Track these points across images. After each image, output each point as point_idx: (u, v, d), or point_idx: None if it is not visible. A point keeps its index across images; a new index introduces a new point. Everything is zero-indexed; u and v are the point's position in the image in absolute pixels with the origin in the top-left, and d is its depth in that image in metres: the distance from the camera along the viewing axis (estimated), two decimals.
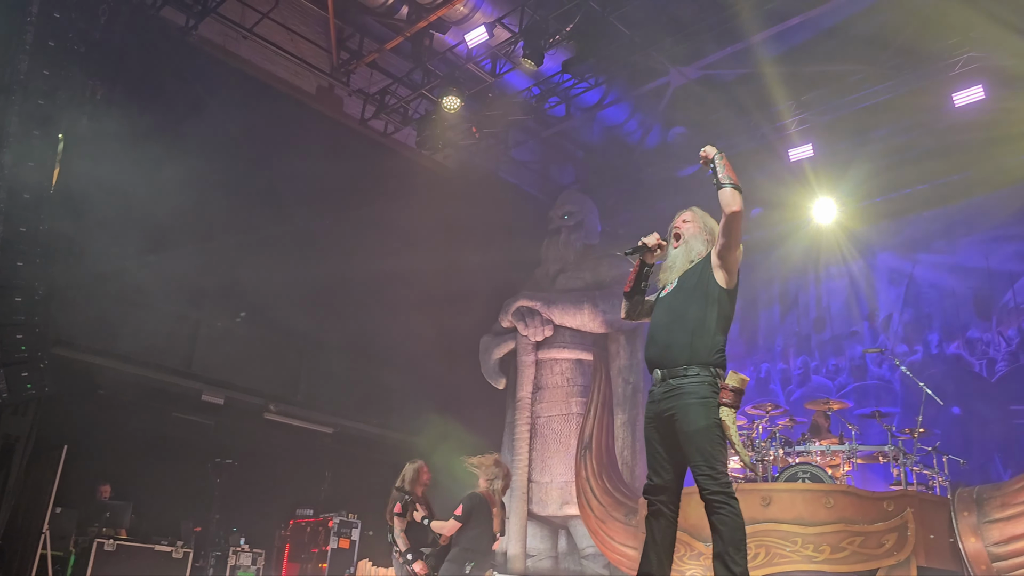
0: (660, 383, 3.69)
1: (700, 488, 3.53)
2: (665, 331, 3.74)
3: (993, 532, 7.14)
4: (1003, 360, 10.34)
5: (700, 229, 3.98)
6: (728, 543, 3.46)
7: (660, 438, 3.71)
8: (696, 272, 3.81)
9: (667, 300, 3.84)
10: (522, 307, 11.24)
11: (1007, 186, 10.52)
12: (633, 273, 4.01)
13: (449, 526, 6.14)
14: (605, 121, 12.58)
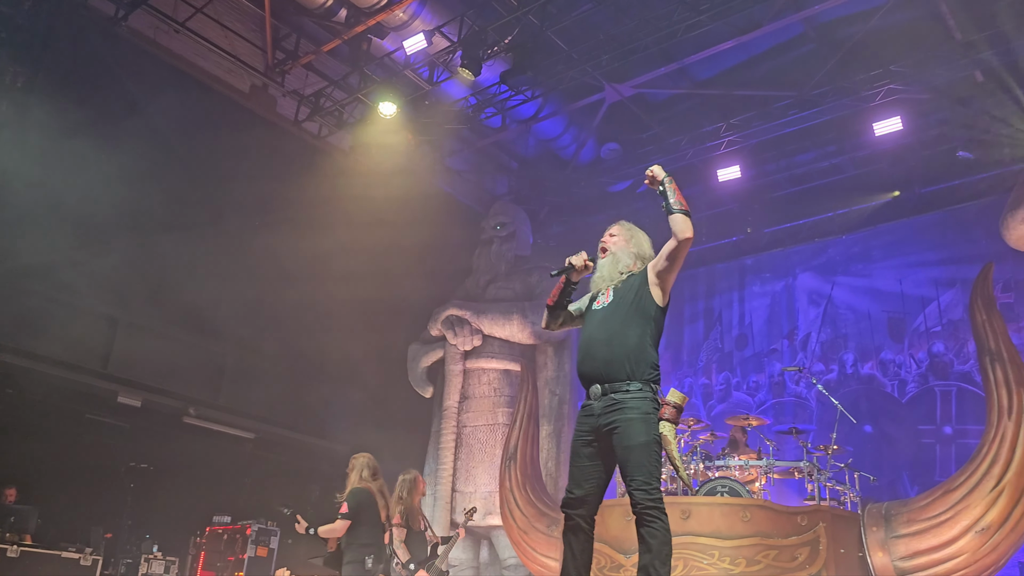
0: (600, 397, 3.67)
1: (634, 502, 3.53)
2: (604, 346, 3.71)
3: (899, 547, 7.41)
4: (913, 382, 10.78)
5: (627, 242, 4.02)
6: (656, 555, 3.51)
7: (592, 452, 3.70)
8: (633, 288, 3.81)
9: (602, 315, 3.81)
10: (452, 316, 11.22)
11: (922, 214, 11.00)
12: (557, 289, 4.01)
13: (340, 526, 6.08)
14: (540, 134, 12.70)
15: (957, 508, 7.29)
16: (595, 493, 3.73)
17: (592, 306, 3.91)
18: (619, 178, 12.61)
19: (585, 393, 3.82)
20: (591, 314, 3.89)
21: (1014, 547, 7.29)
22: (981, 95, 10.14)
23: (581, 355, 3.82)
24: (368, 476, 6.40)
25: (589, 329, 3.83)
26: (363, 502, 6.19)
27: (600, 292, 3.92)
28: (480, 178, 13.52)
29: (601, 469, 3.72)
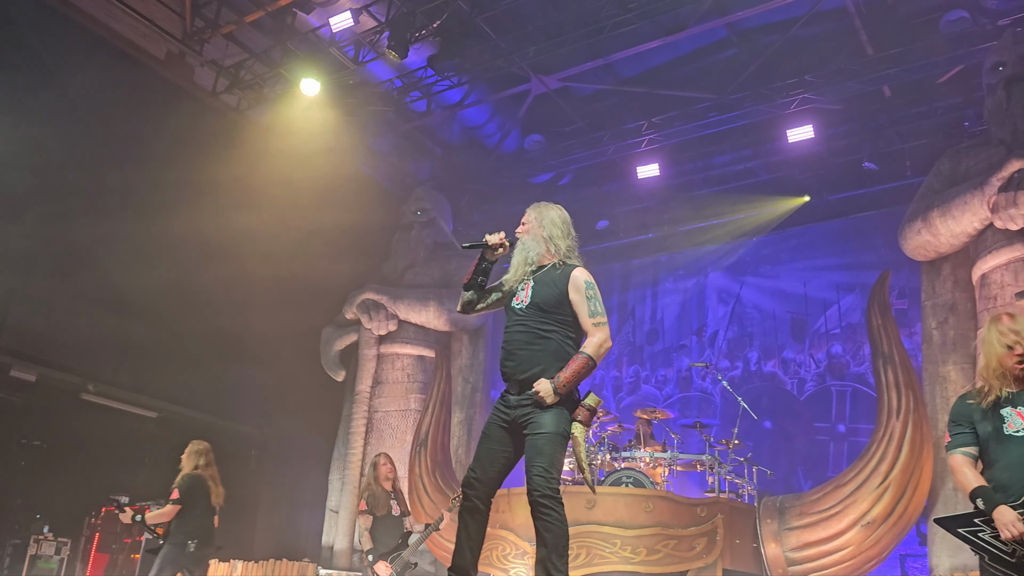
0: (518, 393, 3.74)
1: (532, 488, 3.57)
2: (526, 348, 3.76)
3: (791, 539, 7.74)
4: (812, 381, 11.24)
5: (538, 226, 3.98)
6: (552, 549, 3.55)
7: (504, 437, 3.76)
8: (553, 291, 3.83)
9: (524, 317, 3.82)
10: (367, 300, 11.11)
11: (827, 221, 11.45)
12: (473, 267, 4.02)
13: (168, 510, 6.34)
14: (465, 121, 12.67)
15: (846, 502, 7.65)
16: (496, 478, 3.77)
17: (512, 303, 3.91)
18: (542, 170, 12.70)
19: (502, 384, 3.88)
20: (511, 312, 3.90)
21: (896, 540, 7.71)
22: (888, 109, 10.60)
23: (504, 354, 3.85)
24: (203, 464, 6.67)
25: (513, 330, 3.84)
26: (194, 488, 6.47)
27: (519, 287, 3.91)
28: (402, 162, 13.40)
29: (509, 456, 3.78)
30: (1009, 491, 3.26)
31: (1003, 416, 3.39)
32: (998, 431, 3.37)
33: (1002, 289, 7.65)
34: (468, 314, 4.13)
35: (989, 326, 3.55)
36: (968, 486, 3.38)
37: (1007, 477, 3.30)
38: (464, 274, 4.14)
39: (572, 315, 3.81)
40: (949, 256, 8.44)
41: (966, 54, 9.25)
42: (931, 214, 8.21)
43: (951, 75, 9.92)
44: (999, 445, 3.37)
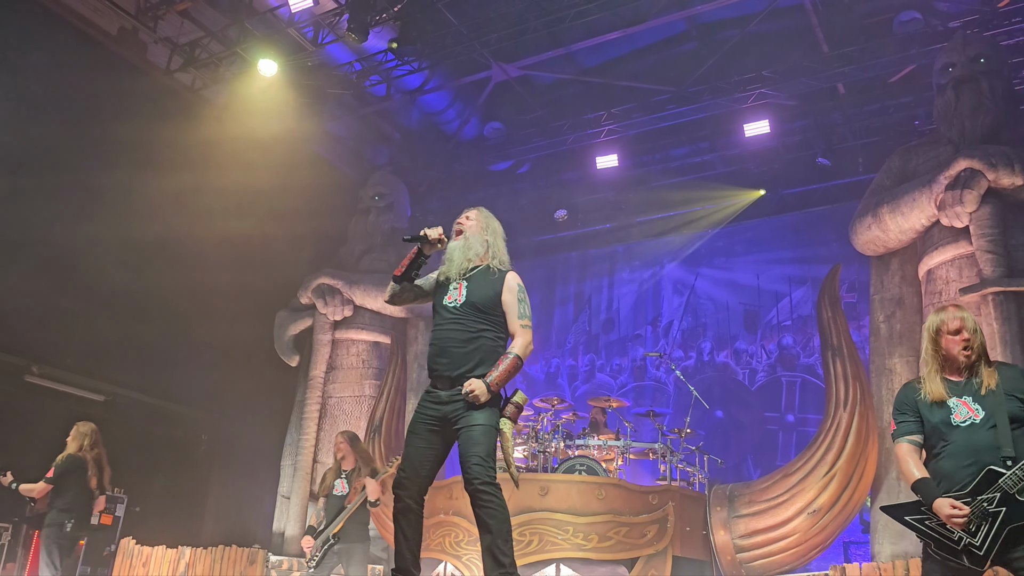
0: (449, 389, 3.79)
1: (472, 477, 3.63)
2: (459, 346, 3.80)
3: (740, 526, 7.89)
4: (763, 371, 11.45)
5: (482, 229, 4.06)
6: (497, 535, 3.61)
7: (432, 436, 3.81)
8: (488, 290, 3.90)
9: (458, 315, 3.87)
10: (323, 285, 11.01)
11: (781, 215, 11.64)
12: (408, 259, 4.02)
13: (39, 488, 6.55)
14: (425, 107, 12.59)
15: (793, 491, 7.82)
16: (427, 476, 3.83)
17: (444, 300, 3.93)
18: (501, 157, 12.68)
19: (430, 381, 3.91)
20: (444, 309, 3.92)
21: (840, 528, 7.91)
22: (842, 106, 10.80)
23: (435, 352, 3.87)
24: (87, 445, 6.81)
25: (447, 327, 3.87)
26: (71, 470, 6.63)
27: (452, 284, 3.95)
28: (360, 146, 13.28)
29: (438, 453, 3.85)
30: (953, 480, 3.32)
31: (950, 407, 3.44)
32: (944, 421, 3.42)
33: (947, 284, 7.85)
34: (395, 305, 4.14)
35: (936, 315, 3.59)
36: (911, 478, 3.44)
37: (951, 467, 3.35)
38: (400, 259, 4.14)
39: (503, 316, 3.91)
40: (897, 251, 8.64)
41: (917, 54, 9.45)
42: (881, 210, 8.39)
43: (903, 75, 10.14)
44: (944, 435, 3.42)
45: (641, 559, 7.47)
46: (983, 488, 3.23)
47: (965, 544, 3.24)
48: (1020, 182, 7.41)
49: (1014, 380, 3.41)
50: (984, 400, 3.37)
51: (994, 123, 8.09)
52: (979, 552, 3.19)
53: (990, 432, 3.30)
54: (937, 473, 3.40)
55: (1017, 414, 3.32)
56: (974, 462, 3.28)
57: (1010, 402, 3.33)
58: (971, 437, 3.32)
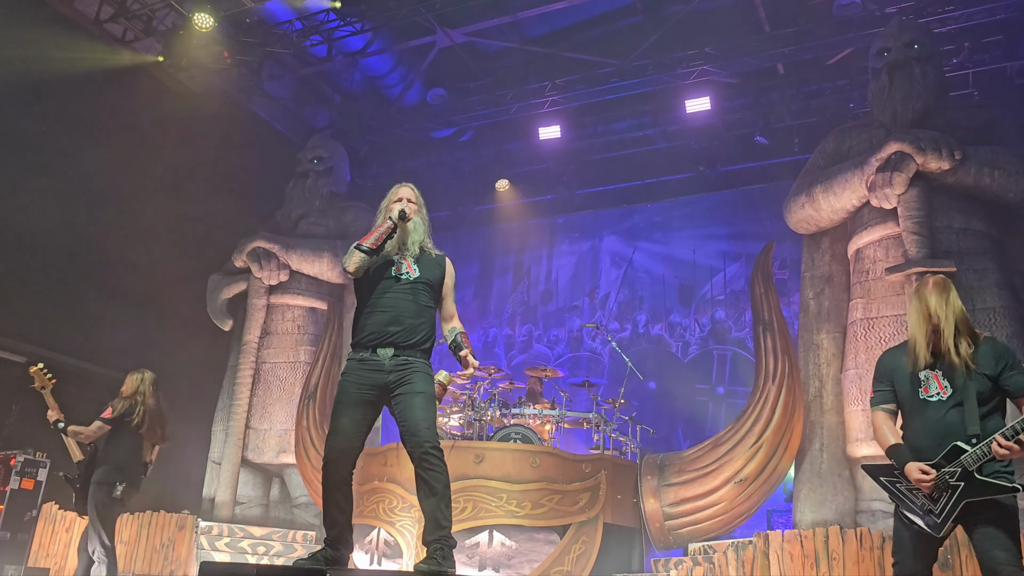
0: (391, 357, 3.84)
1: (422, 441, 3.68)
2: (413, 319, 3.92)
3: (669, 494, 8.09)
4: (695, 344, 11.69)
5: (419, 209, 4.20)
6: (441, 499, 3.68)
7: (368, 407, 3.84)
8: (437, 271, 4.10)
9: (410, 287, 3.99)
10: (258, 248, 10.79)
11: (719, 191, 11.83)
12: (384, 236, 4.04)
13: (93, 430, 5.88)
14: (367, 70, 12.37)
15: (721, 461, 8.04)
16: (359, 446, 3.87)
17: (393, 271, 4.02)
18: (443, 124, 12.55)
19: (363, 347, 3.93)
20: (393, 280, 4.00)
21: (765, 497, 8.17)
22: (781, 87, 10.99)
23: (388, 317, 3.90)
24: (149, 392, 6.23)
25: (397, 295, 3.96)
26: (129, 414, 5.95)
27: (398, 259, 4.05)
28: (300, 108, 13.00)
29: (371, 422, 3.92)
30: (922, 454, 3.48)
31: (920, 379, 3.56)
32: (914, 394, 3.57)
33: (874, 264, 8.11)
34: (355, 276, 4.11)
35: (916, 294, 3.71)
36: (885, 443, 3.61)
37: (920, 441, 3.51)
38: (363, 229, 4.22)
39: (441, 297, 4.14)
40: (829, 230, 8.86)
41: (855, 38, 9.66)
42: (814, 190, 8.59)
43: (840, 57, 10.35)
44: (914, 408, 3.57)
45: (573, 526, 7.60)
46: (947, 460, 3.40)
47: (927, 509, 3.44)
48: (947, 166, 7.66)
49: (987, 357, 3.49)
50: (955, 376, 3.48)
51: (924, 108, 8.33)
52: (937, 519, 3.41)
53: (956, 410, 3.43)
54: (907, 443, 3.56)
55: (986, 393, 3.44)
56: (940, 439, 3.43)
57: (980, 381, 3.44)
58: (938, 414, 3.47)
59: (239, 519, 10.01)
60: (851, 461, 7.94)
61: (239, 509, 10.20)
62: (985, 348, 3.54)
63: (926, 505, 3.45)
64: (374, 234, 4.01)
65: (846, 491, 7.89)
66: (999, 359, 3.49)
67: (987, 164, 7.76)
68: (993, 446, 3.29)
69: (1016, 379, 3.45)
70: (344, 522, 3.80)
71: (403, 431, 3.76)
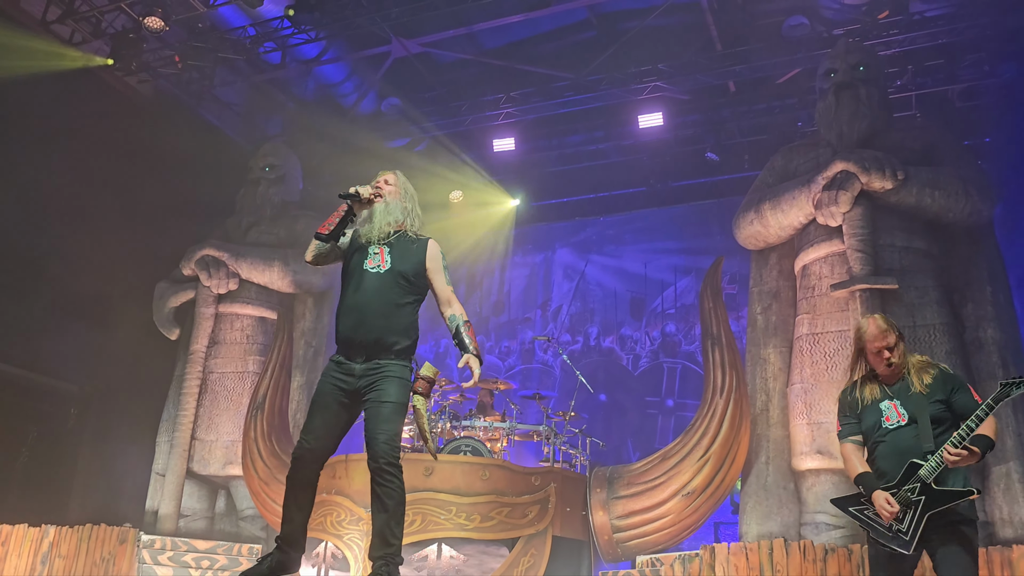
0: (363, 361, 3.70)
1: (377, 455, 3.58)
2: (382, 319, 3.71)
3: (617, 507, 8.13)
4: (646, 357, 11.80)
5: (401, 195, 3.99)
6: (392, 516, 3.59)
7: (341, 408, 3.73)
8: (413, 259, 3.84)
9: (379, 282, 3.76)
10: (207, 256, 10.61)
11: (670, 206, 11.98)
12: (337, 217, 3.91)
13: None
14: (321, 78, 12.29)
15: (670, 474, 8.11)
16: (331, 448, 3.77)
17: (364, 265, 3.79)
18: (398, 135, 12.51)
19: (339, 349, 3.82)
20: (363, 275, 3.78)
21: (712, 509, 8.25)
22: (732, 104, 11.17)
23: (353, 320, 3.73)
24: None
25: (364, 294, 3.74)
26: None
27: (372, 249, 3.83)
28: (252, 114, 12.83)
29: (344, 425, 3.78)
30: (888, 478, 3.67)
31: (881, 410, 3.78)
32: (876, 424, 3.78)
33: (820, 280, 8.27)
34: (319, 265, 4.01)
35: (863, 327, 3.88)
36: (854, 472, 3.82)
37: (886, 466, 3.70)
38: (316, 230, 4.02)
39: (425, 285, 3.87)
40: (776, 247, 9.02)
41: (804, 58, 9.87)
42: (763, 206, 8.74)
43: (789, 77, 10.57)
44: (877, 437, 3.78)
45: (522, 539, 7.59)
46: (906, 480, 3.60)
47: (895, 531, 3.61)
48: (890, 186, 7.85)
49: (938, 384, 3.75)
50: (909, 403, 3.74)
51: (869, 129, 8.54)
52: (905, 537, 3.57)
53: (913, 433, 3.67)
54: (874, 470, 3.76)
55: (939, 415, 3.67)
56: (900, 461, 3.64)
57: (933, 406, 3.69)
58: (898, 439, 3.70)
59: (183, 532, 9.81)
60: (796, 474, 8.07)
61: (183, 522, 9.99)
62: (935, 375, 3.78)
63: (894, 527, 3.62)
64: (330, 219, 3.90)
65: (791, 504, 8.01)
66: (947, 382, 3.75)
67: (928, 184, 7.98)
68: (944, 455, 3.50)
69: (963, 399, 3.70)
70: (300, 522, 3.70)
71: (365, 441, 3.66)
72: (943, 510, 3.53)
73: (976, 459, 3.50)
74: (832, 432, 7.67)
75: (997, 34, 9.26)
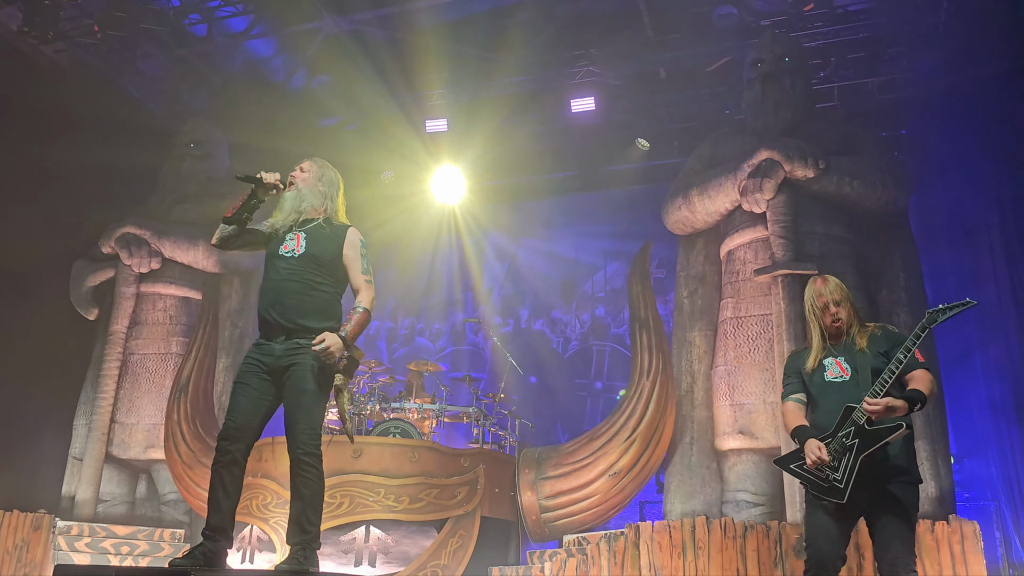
0: (283, 341, 3.72)
1: (297, 445, 3.62)
2: (297, 298, 3.74)
3: (546, 488, 8.23)
4: (576, 340, 11.93)
5: (317, 180, 4.00)
6: (308, 505, 3.62)
7: (265, 386, 3.71)
8: (331, 245, 3.86)
9: (295, 264, 3.79)
10: (128, 234, 10.28)
11: (601, 191, 12.09)
12: (240, 201, 3.91)
13: None
14: (249, 53, 11.95)
15: (597, 454, 8.24)
16: (258, 428, 3.76)
17: (280, 250, 3.84)
18: (329, 113, 12.30)
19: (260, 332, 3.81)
20: (279, 259, 3.83)
21: (638, 489, 8.43)
22: (662, 91, 11.31)
23: (269, 301, 3.77)
24: None
25: (280, 275, 3.79)
26: None
27: (288, 235, 3.86)
28: (176, 88, 12.41)
29: (270, 404, 3.77)
30: (826, 431, 3.72)
31: (825, 365, 3.86)
32: (820, 380, 3.86)
33: (744, 265, 8.48)
34: (225, 250, 4.03)
35: (811, 288, 3.98)
36: (791, 427, 3.89)
37: (826, 420, 3.75)
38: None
39: (343, 272, 3.88)
40: (703, 232, 9.20)
41: (732, 47, 10.05)
42: (691, 192, 8.90)
43: (718, 65, 10.74)
44: (821, 392, 3.85)
45: (450, 520, 7.63)
46: (841, 426, 3.67)
47: (831, 481, 3.64)
48: (812, 174, 8.09)
49: (881, 339, 3.84)
50: (854, 359, 3.82)
51: (793, 118, 8.77)
52: (840, 486, 3.60)
53: (855, 386, 3.74)
54: (815, 425, 3.83)
55: (880, 367, 3.70)
56: (842, 412, 3.69)
57: (875, 359, 3.77)
58: (841, 392, 3.77)
59: (102, 518, 9.54)
60: (719, 454, 8.30)
61: (102, 507, 9.72)
62: (877, 333, 3.90)
63: (830, 477, 3.65)
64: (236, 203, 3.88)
65: (713, 483, 8.23)
66: (889, 339, 3.84)
67: (848, 174, 8.24)
68: (864, 405, 3.57)
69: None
70: (228, 509, 3.66)
71: (286, 430, 3.67)
72: (883, 473, 3.60)
73: (902, 412, 3.57)
74: (754, 413, 7.96)
75: (915, 29, 9.59)
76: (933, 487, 7.33)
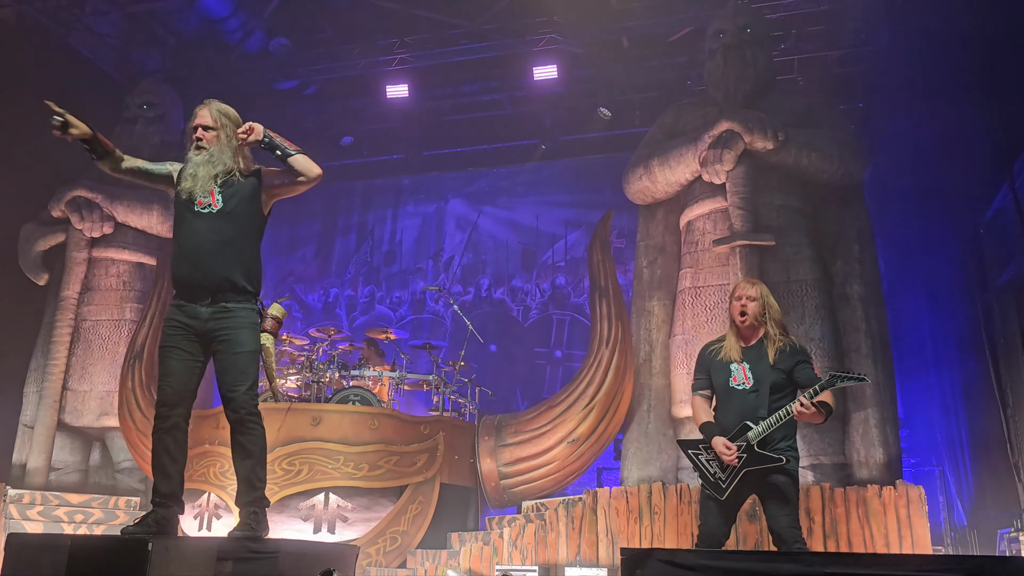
0: (208, 305, 3.64)
1: (238, 406, 3.63)
2: (218, 256, 3.63)
3: (505, 454, 8.29)
4: (536, 309, 11.98)
5: (227, 140, 3.77)
6: (257, 461, 3.68)
7: (196, 348, 3.67)
8: (246, 198, 3.72)
9: (212, 222, 3.65)
10: (79, 197, 10.03)
11: (562, 159, 12.08)
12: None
13: None
14: (204, 12, 11.64)
15: (556, 422, 8.32)
16: (194, 392, 3.74)
17: (195, 207, 3.66)
18: (286, 76, 12.06)
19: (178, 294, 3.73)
20: (194, 216, 3.66)
21: (596, 455, 8.55)
22: (624, 60, 11.29)
23: (188, 262, 3.65)
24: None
25: (199, 235, 3.64)
26: None
27: (202, 191, 3.67)
28: (128, 48, 12.07)
29: (202, 368, 3.74)
30: (728, 432, 4.13)
31: (731, 371, 4.19)
32: (725, 383, 4.22)
33: (703, 236, 8.56)
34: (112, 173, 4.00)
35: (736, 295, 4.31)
36: (699, 421, 4.30)
37: (728, 422, 4.15)
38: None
39: (262, 218, 3.79)
40: (664, 202, 9.24)
41: (694, 17, 10.04)
42: (652, 162, 8.93)
43: (681, 35, 10.74)
44: (724, 395, 4.24)
45: (410, 487, 7.67)
46: (736, 439, 4.09)
47: (716, 478, 4.14)
48: (771, 146, 8.16)
49: (785, 356, 4.16)
50: (758, 369, 4.16)
51: (754, 90, 8.82)
52: (723, 486, 4.12)
53: (755, 397, 4.12)
54: (719, 423, 4.23)
55: (779, 383, 4.12)
56: (740, 420, 4.10)
57: (776, 373, 4.12)
58: (742, 400, 4.15)
59: (54, 486, 9.41)
60: (675, 421, 8.42)
61: (54, 475, 9.58)
62: (785, 347, 4.19)
63: (717, 474, 4.14)
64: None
65: (670, 449, 8.36)
66: (793, 356, 4.17)
67: (806, 146, 8.33)
68: (795, 407, 3.97)
69: (805, 371, 4.15)
70: (176, 474, 3.64)
71: (221, 392, 3.66)
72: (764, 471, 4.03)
73: (821, 419, 4.01)
74: None
75: (874, 4, 9.67)
76: (881, 454, 7.54)
